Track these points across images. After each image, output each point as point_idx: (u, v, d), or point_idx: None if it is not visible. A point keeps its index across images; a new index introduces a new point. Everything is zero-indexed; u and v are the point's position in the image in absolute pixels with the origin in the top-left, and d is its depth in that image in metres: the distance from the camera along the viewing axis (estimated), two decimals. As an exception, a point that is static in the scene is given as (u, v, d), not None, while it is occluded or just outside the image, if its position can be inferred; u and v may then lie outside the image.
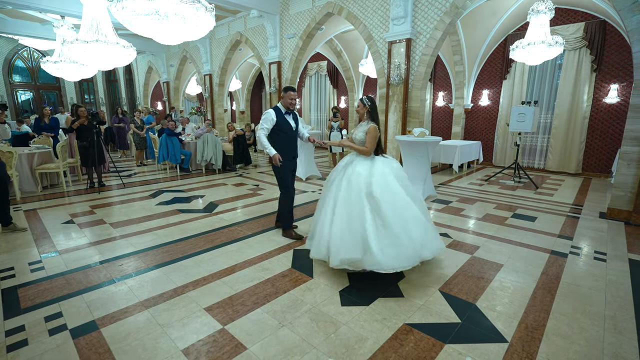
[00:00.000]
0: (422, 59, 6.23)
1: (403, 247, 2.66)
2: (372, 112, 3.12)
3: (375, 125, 3.06)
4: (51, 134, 7.63)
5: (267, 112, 3.62)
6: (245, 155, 8.76)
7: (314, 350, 2.00)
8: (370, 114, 3.12)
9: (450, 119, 10.28)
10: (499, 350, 2.01)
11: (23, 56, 14.60)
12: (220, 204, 5.28)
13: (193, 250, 3.47)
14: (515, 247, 3.58)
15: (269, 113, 3.61)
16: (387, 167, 3.00)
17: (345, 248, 2.69)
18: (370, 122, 3.09)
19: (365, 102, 3.14)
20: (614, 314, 2.38)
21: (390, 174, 2.94)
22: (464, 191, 6.26)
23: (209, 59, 11.47)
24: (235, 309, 2.42)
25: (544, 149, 8.53)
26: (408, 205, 2.85)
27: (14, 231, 3.92)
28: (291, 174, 3.88)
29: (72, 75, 7.86)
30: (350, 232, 2.73)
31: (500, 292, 2.67)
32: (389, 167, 3.01)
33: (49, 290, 2.66)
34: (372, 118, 3.11)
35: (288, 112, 3.70)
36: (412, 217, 2.81)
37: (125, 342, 2.05)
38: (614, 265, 3.15)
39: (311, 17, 8.00)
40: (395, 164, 3.10)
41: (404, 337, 2.12)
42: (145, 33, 4.30)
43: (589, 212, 4.92)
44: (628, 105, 6.89)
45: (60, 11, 7.77)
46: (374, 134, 3.03)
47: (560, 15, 7.72)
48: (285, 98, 3.64)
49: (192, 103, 16.43)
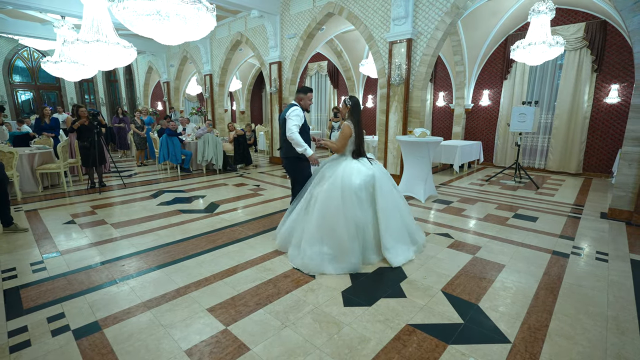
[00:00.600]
0: (423, 59, 6.23)
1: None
2: (353, 112, 3.17)
3: (348, 123, 3.14)
4: (52, 134, 7.63)
5: (296, 109, 3.41)
6: (246, 156, 8.76)
7: (317, 351, 2.00)
8: (351, 114, 3.18)
9: (450, 119, 10.28)
10: (502, 351, 2.01)
11: (23, 56, 14.58)
12: (221, 204, 5.28)
13: (195, 250, 3.47)
14: (516, 248, 3.58)
15: (297, 109, 3.42)
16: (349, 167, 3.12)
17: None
18: (346, 121, 3.18)
19: (347, 102, 3.20)
20: (616, 314, 2.38)
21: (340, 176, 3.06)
22: (464, 191, 6.26)
23: (210, 59, 11.47)
24: (238, 309, 2.42)
25: (544, 149, 8.54)
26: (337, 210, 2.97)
27: (15, 232, 3.91)
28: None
29: (73, 76, 7.85)
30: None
31: (503, 292, 2.67)
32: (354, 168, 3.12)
33: (51, 291, 2.65)
34: (351, 118, 3.17)
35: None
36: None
37: (128, 342, 2.05)
38: (616, 266, 3.15)
39: (312, 17, 8.00)
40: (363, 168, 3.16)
41: (406, 338, 2.12)
42: (146, 33, 4.30)
43: (590, 212, 4.93)
44: (629, 106, 6.91)
45: (61, 11, 7.76)
46: (345, 132, 3.13)
47: (561, 15, 7.72)
48: (305, 99, 3.54)
49: (193, 103, 16.43)
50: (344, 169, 3.11)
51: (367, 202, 3.07)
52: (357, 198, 3.01)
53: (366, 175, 3.09)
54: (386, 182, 3.20)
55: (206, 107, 12.19)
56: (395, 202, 3.22)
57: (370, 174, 3.11)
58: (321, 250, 2.99)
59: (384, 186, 3.14)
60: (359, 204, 3.02)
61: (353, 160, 3.20)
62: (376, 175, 3.12)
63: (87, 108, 6.23)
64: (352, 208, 2.97)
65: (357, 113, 3.18)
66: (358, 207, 3.01)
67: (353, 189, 3.00)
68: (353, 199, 2.99)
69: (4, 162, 5.19)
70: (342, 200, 2.95)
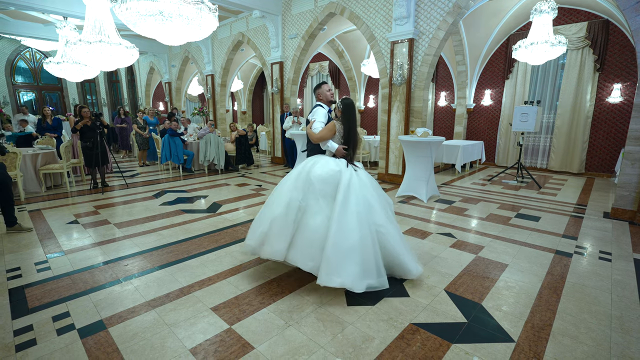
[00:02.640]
0: (425, 59, 6.23)
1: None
2: (344, 115, 2.89)
3: (334, 122, 2.89)
4: (54, 134, 7.65)
5: (318, 109, 3.23)
6: (248, 156, 8.78)
7: (321, 349, 2.00)
8: (342, 116, 2.89)
9: (452, 119, 10.27)
10: (506, 350, 2.01)
11: (25, 57, 14.64)
12: (223, 204, 5.29)
13: (198, 250, 3.48)
14: (519, 247, 3.58)
15: (320, 108, 3.23)
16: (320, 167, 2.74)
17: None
18: (335, 120, 2.94)
19: (338, 105, 2.93)
20: (620, 313, 2.38)
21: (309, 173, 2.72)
22: (467, 191, 6.26)
23: (211, 59, 11.49)
24: (242, 308, 2.42)
25: (546, 149, 8.52)
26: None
27: (19, 232, 3.93)
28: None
29: (75, 76, 7.88)
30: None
31: (506, 291, 2.67)
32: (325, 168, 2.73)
33: (56, 290, 2.67)
34: (341, 119, 2.90)
35: (329, 110, 3.32)
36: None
37: (133, 341, 2.06)
38: (619, 265, 3.15)
39: (313, 17, 8.01)
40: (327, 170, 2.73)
41: (410, 337, 2.12)
42: (148, 34, 4.31)
43: (593, 212, 4.92)
44: (631, 105, 6.90)
45: (63, 12, 7.79)
46: (328, 126, 2.89)
47: (563, 14, 7.71)
48: (322, 94, 3.29)
49: (194, 103, 16.46)
50: (310, 159, 2.88)
51: (322, 198, 2.64)
52: (308, 185, 2.66)
53: (331, 170, 2.69)
54: (361, 190, 2.68)
55: (208, 108, 12.21)
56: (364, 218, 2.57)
57: (337, 169, 2.70)
58: (261, 231, 2.73)
59: (354, 192, 2.61)
60: (307, 191, 2.65)
61: (328, 157, 2.90)
62: (344, 175, 2.66)
63: (89, 108, 6.26)
64: (297, 190, 2.66)
65: (348, 117, 2.86)
66: (302, 192, 2.65)
67: (310, 175, 2.68)
68: (305, 183, 2.67)
69: (7, 162, 5.21)
70: (291, 182, 2.73)
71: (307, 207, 2.65)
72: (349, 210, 2.55)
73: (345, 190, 2.60)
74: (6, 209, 3.82)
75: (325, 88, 3.33)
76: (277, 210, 2.67)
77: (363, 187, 2.71)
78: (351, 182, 2.66)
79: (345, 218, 2.53)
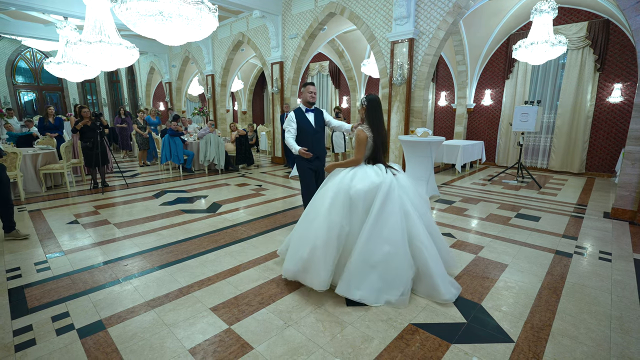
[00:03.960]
0: (425, 59, 6.23)
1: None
2: (369, 114, 2.68)
3: (362, 129, 2.65)
4: (55, 134, 7.66)
5: (289, 115, 3.57)
6: (248, 156, 8.78)
7: (320, 350, 2.00)
8: (367, 116, 2.68)
9: (452, 119, 10.26)
10: (505, 350, 2.00)
11: (26, 57, 14.66)
12: (223, 204, 5.29)
13: (197, 250, 3.48)
14: (519, 247, 3.57)
15: (290, 115, 3.57)
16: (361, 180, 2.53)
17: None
18: (362, 126, 2.71)
19: (362, 101, 2.72)
20: (620, 314, 2.37)
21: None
22: (467, 191, 6.25)
23: (212, 59, 11.50)
24: (241, 308, 2.42)
25: (547, 149, 8.52)
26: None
27: (16, 238, 3.75)
28: (314, 175, 3.64)
29: (75, 76, 7.89)
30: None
31: (506, 292, 2.67)
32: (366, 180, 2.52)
33: (55, 290, 2.67)
34: (367, 120, 2.68)
35: (309, 110, 3.61)
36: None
37: (133, 341, 2.06)
38: (620, 266, 3.14)
39: (313, 17, 8.01)
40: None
41: (409, 337, 2.12)
42: (148, 34, 4.32)
43: (593, 212, 4.91)
44: (632, 105, 6.89)
45: (63, 12, 7.79)
46: (359, 138, 2.62)
47: (563, 14, 7.70)
48: (304, 93, 3.57)
49: (194, 103, 16.47)
50: (348, 171, 2.64)
51: (363, 214, 2.50)
52: (350, 204, 2.48)
53: (372, 183, 2.50)
54: (400, 198, 2.52)
55: (208, 108, 12.22)
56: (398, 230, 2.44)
57: (379, 181, 2.50)
58: (301, 256, 2.53)
59: (391, 202, 2.47)
60: (349, 212, 2.48)
61: (366, 165, 2.68)
62: (384, 184, 2.49)
63: (89, 108, 6.26)
64: (339, 213, 2.45)
65: (375, 115, 2.67)
66: (343, 213, 2.46)
67: (350, 192, 2.49)
68: (345, 202, 2.48)
69: (7, 162, 5.21)
70: (330, 202, 2.49)
71: (351, 231, 2.49)
72: (382, 222, 2.43)
73: (382, 201, 2.45)
74: (4, 212, 3.67)
75: (309, 89, 3.53)
76: (317, 239, 2.45)
77: (403, 194, 2.57)
78: (390, 191, 2.50)
79: (377, 230, 2.43)
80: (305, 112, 3.60)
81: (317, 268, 2.44)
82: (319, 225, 2.48)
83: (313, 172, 3.64)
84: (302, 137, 3.57)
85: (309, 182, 3.63)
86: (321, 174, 3.67)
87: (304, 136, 3.57)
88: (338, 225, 2.45)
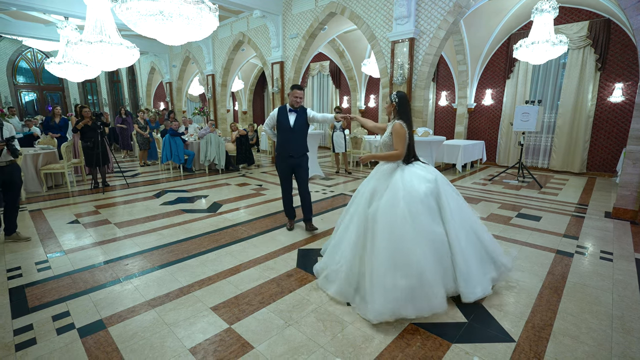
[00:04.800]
0: (425, 59, 6.22)
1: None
2: (403, 109, 2.64)
3: (400, 122, 2.59)
4: (57, 134, 7.67)
5: (273, 110, 3.89)
6: (248, 156, 8.77)
7: (320, 349, 2.00)
8: (400, 112, 2.64)
9: (453, 119, 10.25)
10: (506, 350, 2.00)
11: (27, 57, 14.68)
12: (223, 204, 5.29)
13: (198, 250, 3.48)
14: (520, 247, 3.56)
15: (273, 111, 3.87)
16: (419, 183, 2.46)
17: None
18: (396, 120, 2.64)
19: (393, 98, 2.67)
20: (621, 313, 2.36)
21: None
22: (467, 191, 6.24)
23: (212, 59, 11.51)
24: (241, 308, 2.42)
25: (547, 149, 8.50)
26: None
27: (16, 241, 3.72)
28: (289, 172, 3.89)
29: (76, 76, 7.90)
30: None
31: (507, 291, 2.66)
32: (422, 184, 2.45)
33: (56, 290, 2.67)
34: (402, 116, 2.63)
35: (293, 110, 3.77)
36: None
37: (133, 341, 2.06)
38: (621, 265, 3.13)
39: (314, 17, 8.01)
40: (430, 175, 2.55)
41: (410, 337, 2.11)
42: (149, 34, 4.32)
43: (594, 211, 4.90)
44: (633, 104, 6.87)
45: (64, 12, 7.81)
46: (399, 132, 2.56)
47: (564, 14, 7.69)
48: (290, 96, 3.77)
49: (195, 103, 16.48)
50: (401, 176, 2.51)
51: (437, 213, 2.43)
52: (426, 208, 2.38)
53: (429, 181, 2.47)
54: (450, 189, 2.59)
55: (208, 107, 12.23)
56: (465, 214, 2.57)
57: (432, 178, 2.50)
58: (395, 285, 2.20)
59: (449, 195, 2.51)
60: (430, 215, 2.38)
61: (406, 165, 2.60)
62: (439, 181, 2.51)
63: (89, 108, 6.27)
64: (423, 221, 2.33)
65: (406, 110, 2.65)
66: (430, 219, 2.36)
67: (418, 196, 2.38)
68: (420, 208, 2.35)
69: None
70: (408, 212, 2.32)
71: (442, 237, 2.40)
72: (459, 214, 2.50)
73: (447, 195, 2.48)
74: (8, 213, 3.66)
75: (295, 93, 3.71)
76: (420, 259, 2.23)
77: (445, 183, 2.59)
78: (444, 184, 2.55)
79: (462, 223, 2.47)
80: (289, 112, 3.77)
81: (427, 292, 2.20)
82: (413, 243, 2.26)
83: (289, 169, 3.86)
84: (279, 135, 3.83)
85: (282, 180, 3.93)
86: (299, 173, 3.87)
87: (281, 133, 3.81)
88: (432, 233, 2.34)
